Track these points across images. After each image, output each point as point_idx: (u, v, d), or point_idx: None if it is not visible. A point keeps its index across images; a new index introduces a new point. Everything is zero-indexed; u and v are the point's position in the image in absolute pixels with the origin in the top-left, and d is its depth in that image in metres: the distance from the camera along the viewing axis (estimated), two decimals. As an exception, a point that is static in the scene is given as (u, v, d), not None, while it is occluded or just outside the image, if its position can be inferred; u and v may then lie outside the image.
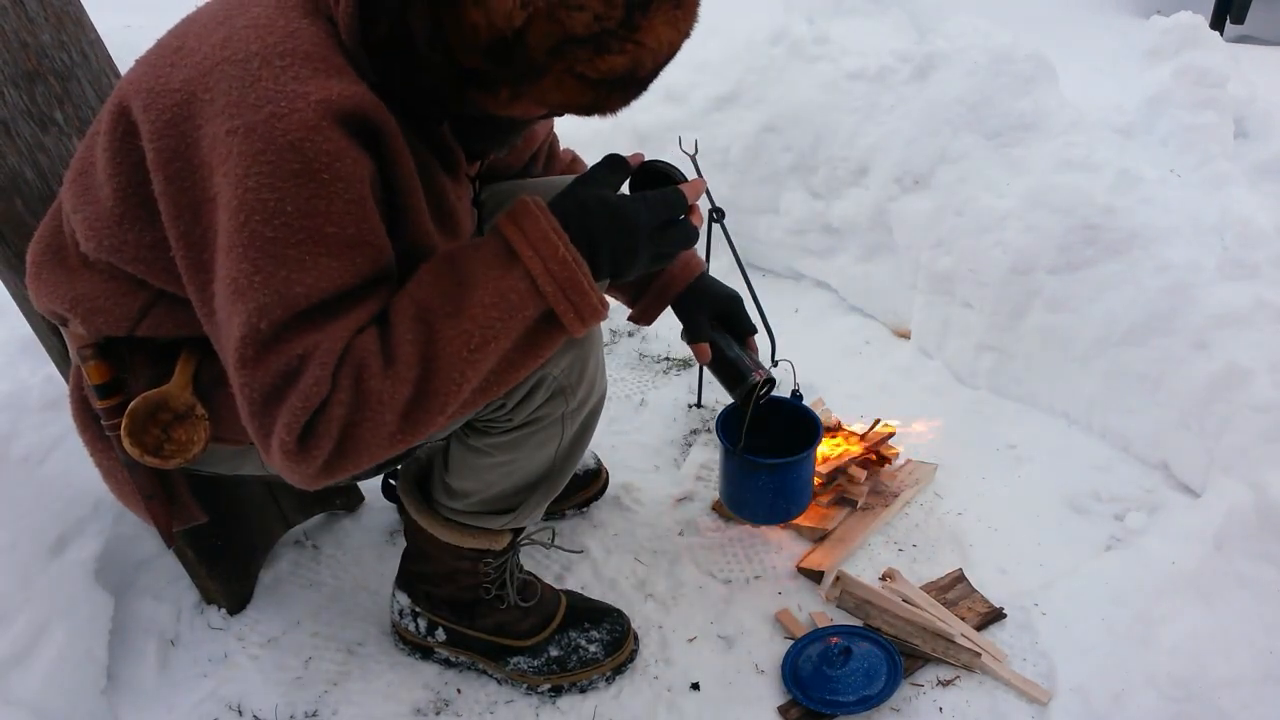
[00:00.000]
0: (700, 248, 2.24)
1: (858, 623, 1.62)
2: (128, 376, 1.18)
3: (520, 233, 1.02)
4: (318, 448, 0.98)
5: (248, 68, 0.92)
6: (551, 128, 1.59)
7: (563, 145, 1.63)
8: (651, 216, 1.09)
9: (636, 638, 1.59)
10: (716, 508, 1.88)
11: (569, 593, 1.61)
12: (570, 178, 1.30)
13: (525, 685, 1.53)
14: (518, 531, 1.47)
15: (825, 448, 1.90)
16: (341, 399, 0.97)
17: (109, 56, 1.44)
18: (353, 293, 1.00)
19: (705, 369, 1.72)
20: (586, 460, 1.89)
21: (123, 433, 1.15)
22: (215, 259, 0.96)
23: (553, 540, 1.65)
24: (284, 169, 0.91)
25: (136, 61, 1.04)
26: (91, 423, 1.25)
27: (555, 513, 1.85)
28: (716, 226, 1.64)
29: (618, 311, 1.56)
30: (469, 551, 1.44)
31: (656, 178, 1.21)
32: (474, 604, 1.51)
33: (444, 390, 1.00)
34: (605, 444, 2.04)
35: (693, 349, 1.54)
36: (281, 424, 0.97)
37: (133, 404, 1.15)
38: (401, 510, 1.50)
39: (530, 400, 1.25)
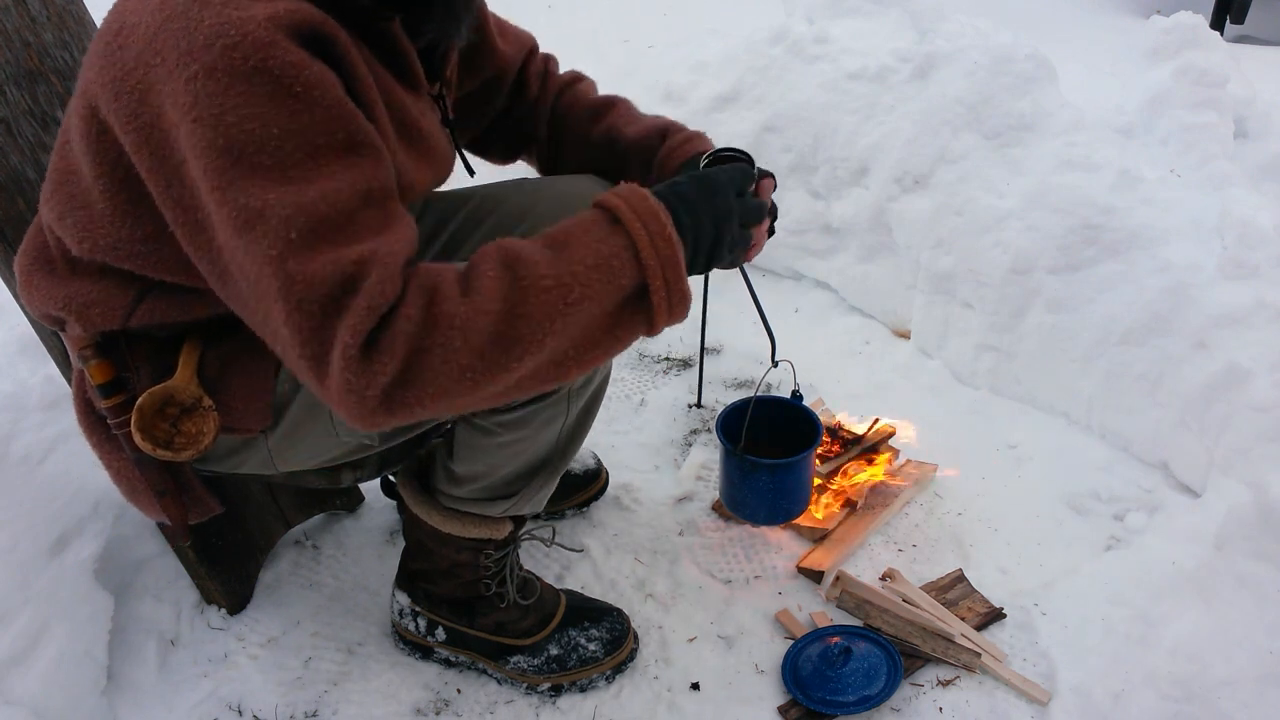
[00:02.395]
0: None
1: (858, 623, 1.62)
2: (129, 375, 1.18)
3: (626, 204, 1.01)
4: (381, 363, 0.90)
5: (188, 15, 0.91)
6: (525, 46, 1.49)
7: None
8: (734, 187, 1.10)
9: (636, 637, 1.59)
10: (716, 508, 1.89)
11: (569, 592, 1.61)
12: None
13: (525, 685, 1.53)
14: (518, 524, 1.47)
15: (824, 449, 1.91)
16: (411, 314, 0.91)
17: (109, 56, 1.44)
18: (377, 199, 0.96)
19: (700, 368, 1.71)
20: (586, 460, 1.89)
21: (133, 428, 1.15)
22: (211, 211, 0.93)
23: (553, 538, 1.65)
24: (257, 93, 0.90)
25: (84, 62, 1.02)
26: (98, 425, 1.25)
27: (555, 512, 1.85)
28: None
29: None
30: (470, 542, 1.44)
31: (725, 160, 1.23)
32: (474, 602, 1.51)
33: (527, 336, 0.95)
34: (605, 444, 2.04)
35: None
36: (346, 328, 0.90)
37: (140, 400, 1.15)
38: (401, 507, 1.50)
39: None
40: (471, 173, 1.39)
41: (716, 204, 1.07)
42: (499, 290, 0.94)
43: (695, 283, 1.12)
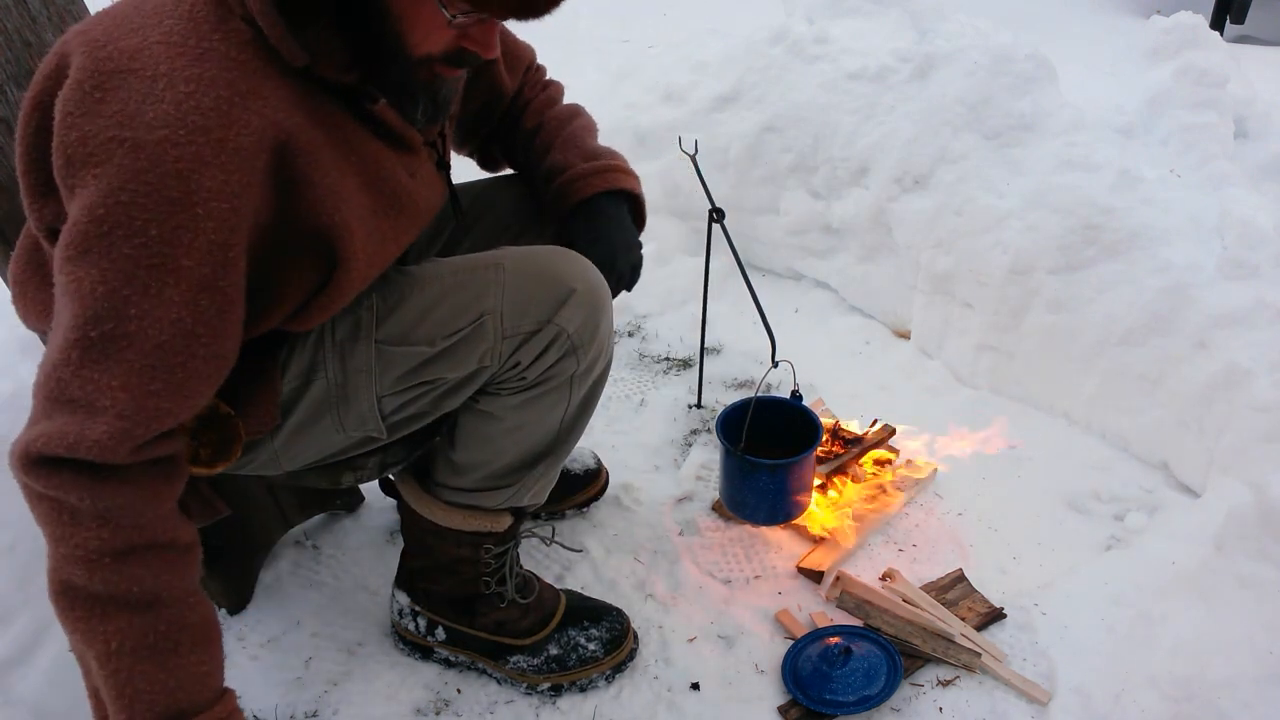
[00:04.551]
0: (700, 248, 2.24)
1: (858, 623, 1.62)
2: None
3: None
4: (39, 475, 0.96)
5: (154, 86, 0.92)
6: (524, 64, 1.54)
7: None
8: None
9: (636, 636, 1.59)
10: (716, 508, 1.89)
11: (568, 592, 1.61)
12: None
13: (525, 684, 1.53)
14: (518, 518, 1.47)
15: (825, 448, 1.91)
16: (86, 499, 0.97)
17: (109, 56, 1.44)
18: (195, 359, 0.99)
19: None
20: (586, 460, 1.89)
21: None
22: (60, 251, 0.95)
23: (553, 536, 1.65)
24: (162, 194, 0.91)
25: (74, 32, 1.01)
26: None
27: (555, 512, 1.85)
28: (716, 226, 1.64)
29: (620, 311, 1.56)
30: (470, 536, 1.44)
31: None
32: (474, 601, 1.51)
33: (77, 626, 1.01)
34: (605, 444, 2.04)
35: None
36: (38, 432, 0.96)
37: None
38: (401, 506, 1.50)
39: (544, 357, 1.27)
40: (460, 217, 1.43)
41: None
42: (109, 596, 1.00)
43: (695, 282, 1.13)
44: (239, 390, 1.17)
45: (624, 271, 1.43)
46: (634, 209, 1.49)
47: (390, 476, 1.56)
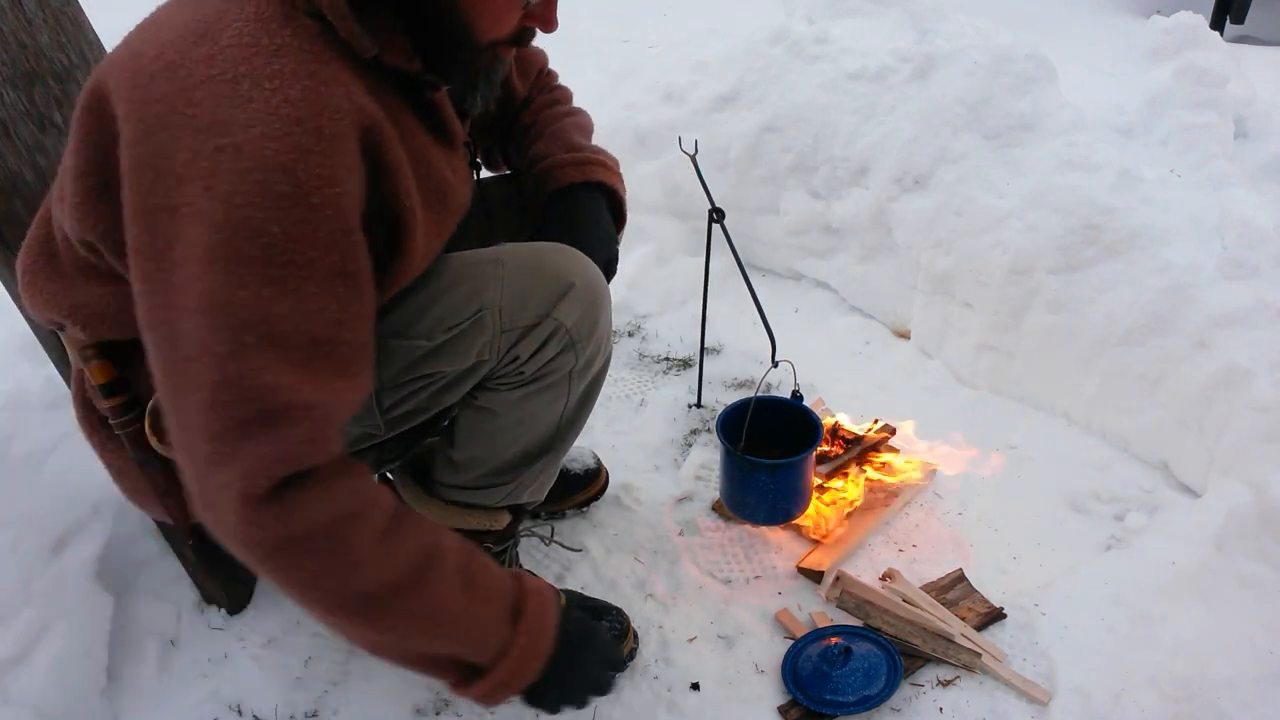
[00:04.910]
0: (700, 248, 2.24)
1: (858, 623, 1.62)
2: (130, 375, 1.18)
3: (531, 618, 1.13)
4: (272, 516, 0.94)
5: (238, 88, 0.91)
6: (536, 68, 1.57)
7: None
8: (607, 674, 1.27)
9: (636, 636, 1.59)
10: (716, 508, 1.89)
11: (568, 592, 1.61)
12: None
13: (525, 685, 1.52)
14: (517, 517, 1.47)
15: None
16: (325, 513, 0.97)
17: (109, 57, 1.44)
18: (342, 341, 0.98)
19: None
20: (586, 460, 1.89)
21: (148, 431, 1.15)
22: (177, 273, 0.93)
23: (552, 536, 1.65)
24: (273, 190, 0.91)
25: (112, 63, 1.00)
26: (99, 425, 1.24)
27: (555, 512, 1.85)
28: (716, 226, 1.64)
29: (620, 311, 1.56)
30: (468, 535, 1.44)
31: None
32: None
33: (389, 622, 1.03)
34: (605, 444, 2.04)
35: None
36: (256, 457, 0.93)
37: (151, 402, 1.15)
38: None
39: (543, 351, 1.27)
40: (488, 214, 1.44)
41: (591, 678, 1.24)
42: (408, 571, 1.02)
43: (695, 282, 1.14)
44: None
45: (599, 264, 1.43)
46: (614, 206, 1.50)
47: (389, 475, 1.56)
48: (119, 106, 0.96)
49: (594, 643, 1.25)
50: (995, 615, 1.63)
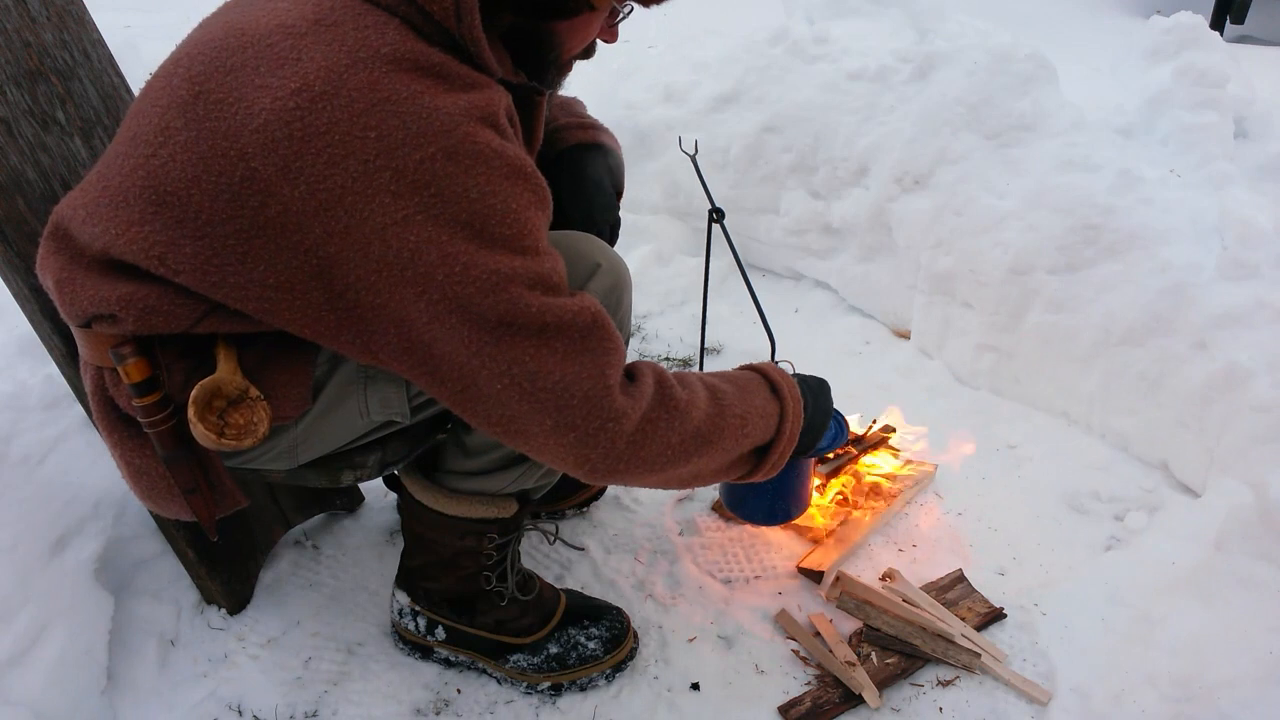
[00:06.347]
0: (700, 248, 2.24)
1: (858, 623, 1.62)
2: (160, 373, 1.17)
3: (785, 383, 1.31)
4: (631, 400, 1.11)
5: (419, 104, 0.99)
6: None
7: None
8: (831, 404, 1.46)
9: (636, 636, 1.59)
10: (716, 508, 1.89)
11: (568, 591, 1.61)
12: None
13: (525, 684, 1.53)
14: (522, 506, 1.47)
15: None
16: (649, 381, 1.14)
17: (110, 56, 1.44)
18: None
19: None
20: (587, 459, 1.89)
21: (192, 420, 1.14)
22: (444, 279, 1.02)
23: (556, 534, 1.65)
24: (496, 173, 1.02)
25: (205, 101, 1.03)
26: (119, 424, 1.23)
27: (555, 512, 1.85)
28: (716, 226, 1.64)
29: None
30: (474, 524, 1.43)
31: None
32: (474, 599, 1.51)
33: (715, 442, 1.20)
34: (605, 444, 2.04)
35: None
36: (614, 353, 1.10)
37: (193, 392, 1.14)
38: (401, 503, 1.50)
39: None
40: None
41: (828, 409, 1.42)
42: (707, 399, 1.20)
43: (695, 282, 1.18)
44: (274, 377, 1.17)
45: (603, 229, 1.52)
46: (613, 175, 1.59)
47: (395, 473, 1.56)
48: (262, 161, 1.03)
49: (819, 384, 1.43)
50: (995, 615, 1.63)
